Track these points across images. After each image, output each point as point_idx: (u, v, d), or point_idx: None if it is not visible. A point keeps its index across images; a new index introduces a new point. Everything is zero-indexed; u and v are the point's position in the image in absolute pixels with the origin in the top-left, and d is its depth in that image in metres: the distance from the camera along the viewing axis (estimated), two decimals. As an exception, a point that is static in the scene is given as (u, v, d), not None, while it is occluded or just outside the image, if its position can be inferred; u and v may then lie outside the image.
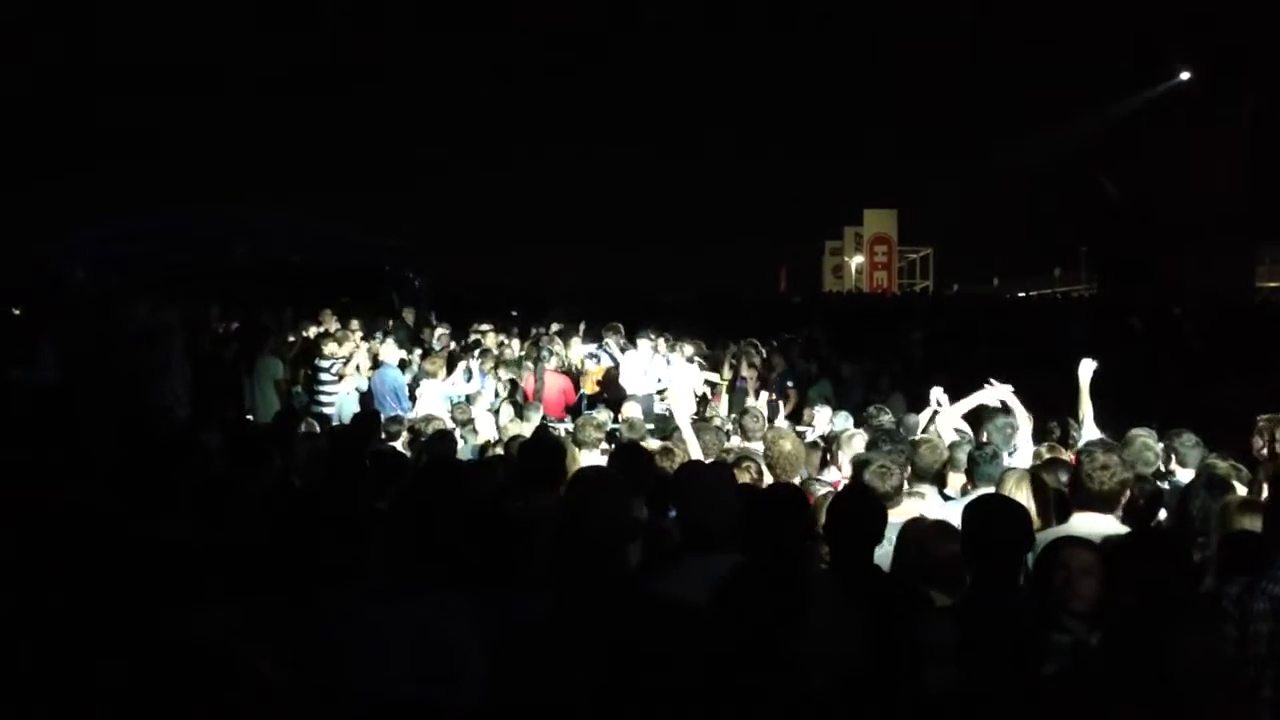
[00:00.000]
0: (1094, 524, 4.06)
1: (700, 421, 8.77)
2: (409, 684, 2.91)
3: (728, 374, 13.10)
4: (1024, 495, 4.52)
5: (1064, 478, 4.85)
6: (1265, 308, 18.96)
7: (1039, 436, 6.69)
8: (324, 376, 11.05)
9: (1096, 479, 4.16)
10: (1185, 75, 22.03)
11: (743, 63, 31.65)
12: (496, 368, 12.41)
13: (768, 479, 5.61)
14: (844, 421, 8.32)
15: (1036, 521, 4.07)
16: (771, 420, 9.59)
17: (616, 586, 3.30)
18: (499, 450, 7.60)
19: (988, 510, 3.64)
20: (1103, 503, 4.18)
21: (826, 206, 37.44)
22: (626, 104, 33.80)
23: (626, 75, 33.06)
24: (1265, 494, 4.60)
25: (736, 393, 12.60)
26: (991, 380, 6.37)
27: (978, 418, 6.62)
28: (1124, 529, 4.12)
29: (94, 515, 3.57)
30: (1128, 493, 4.36)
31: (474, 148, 33.81)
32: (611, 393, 12.34)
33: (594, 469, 5.14)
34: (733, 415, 10.16)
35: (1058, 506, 4.58)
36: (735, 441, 7.83)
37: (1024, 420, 6.31)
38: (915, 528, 4.04)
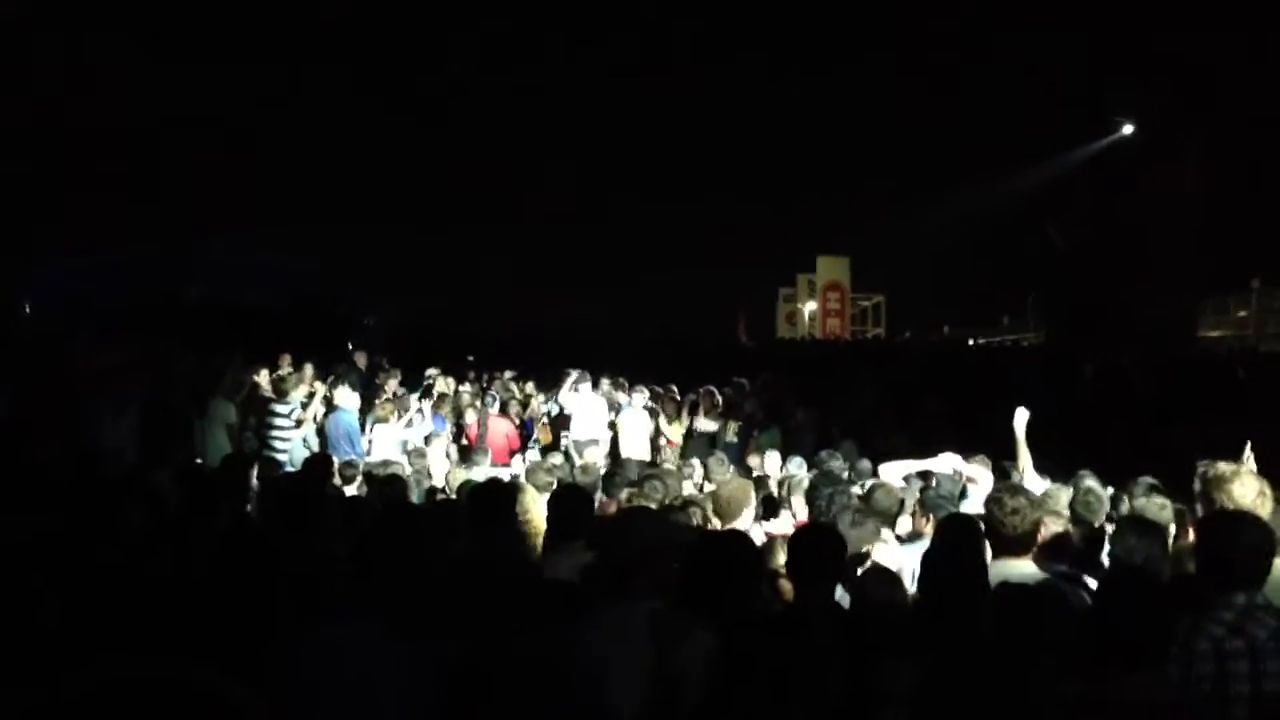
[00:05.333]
0: (1010, 570, 4.05)
1: (653, 468, 8.81)
2: None
3: (685, 420, 13.13)
4: None
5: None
6: (1209, 357, 19.36)
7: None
8: (280, 421, 10.88)
9: (1009, 524, 4.13)
10: (1129, 129, 22.61)
11: (700, 111, 32.03)
12: (451, 412, 12.40)
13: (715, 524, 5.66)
14: (797, 468, 8.37)
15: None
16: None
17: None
18: (451, 495, 7.56)
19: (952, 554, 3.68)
20: (1018, 546, 4.16)
21: (780, 253, 37.75)
22: (583, 150, 33.99)
23: (582, 121, 33.30)
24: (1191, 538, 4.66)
25: (695, 439, 12.60)
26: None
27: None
28: (1040, 573, 4.11)
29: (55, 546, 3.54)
30: (1043, 531, 4.36)
31: (430, 191, 33.79)
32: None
33: None
34: (692, 460, 10.18)
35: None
36: (688, 487, 7.88)
37: (982, 476, 6.62)
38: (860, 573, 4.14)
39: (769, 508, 7.24)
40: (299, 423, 10.96)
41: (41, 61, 20.57)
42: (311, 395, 11.51)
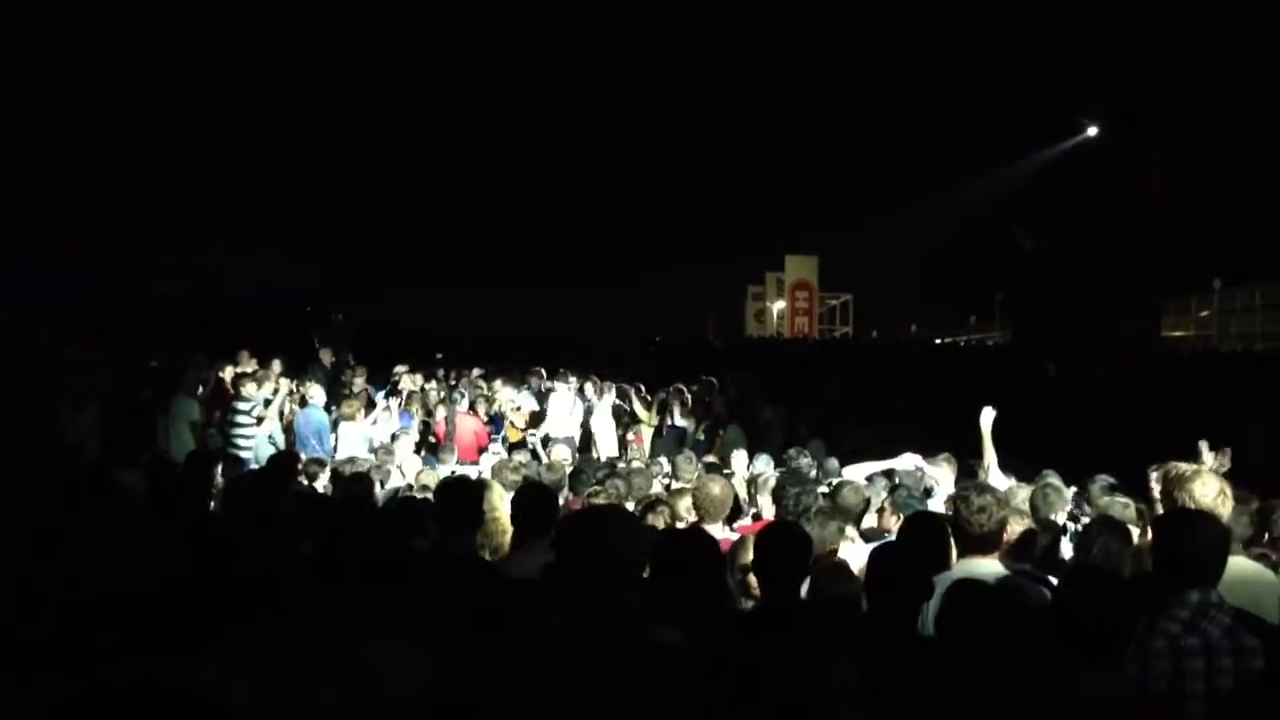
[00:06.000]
0: (975, 568, 4.05)
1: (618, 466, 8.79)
2: None
3: (655, 419, 13.12)
4: None
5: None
6: (1171, 357, 19.60)
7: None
8: (241, 419, 10.80)
9: (975, 522, 4.13)
10: (1093, 130, 22.87)
11: (673, 108, 32.04)
12: (421, 409, 12.35)
13: (682, 524, 5.67)
14: (764, 465, 8.39)
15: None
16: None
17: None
18: (425, 494, 7.51)
19: (901, 551, 3.70)
20: (984, 544, 4.16)
21: (749, 252, 37.84)
22: (554, 148, 33.92)
23: (554, 119, 33.24)
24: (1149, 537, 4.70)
25: (666, 437, 12.60)
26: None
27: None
28: (1004, 570, 4.13)
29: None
30: (1007, 530, 4.36)
31: (403, 190, 33.61)
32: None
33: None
34: (659, 458, 10.19)
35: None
36: (657, 486, 7.88)
37: (944, 476, 6.69)
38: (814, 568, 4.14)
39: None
40: (260, 420, 10.89)
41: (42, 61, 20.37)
42: (276, 392, 11.42)
